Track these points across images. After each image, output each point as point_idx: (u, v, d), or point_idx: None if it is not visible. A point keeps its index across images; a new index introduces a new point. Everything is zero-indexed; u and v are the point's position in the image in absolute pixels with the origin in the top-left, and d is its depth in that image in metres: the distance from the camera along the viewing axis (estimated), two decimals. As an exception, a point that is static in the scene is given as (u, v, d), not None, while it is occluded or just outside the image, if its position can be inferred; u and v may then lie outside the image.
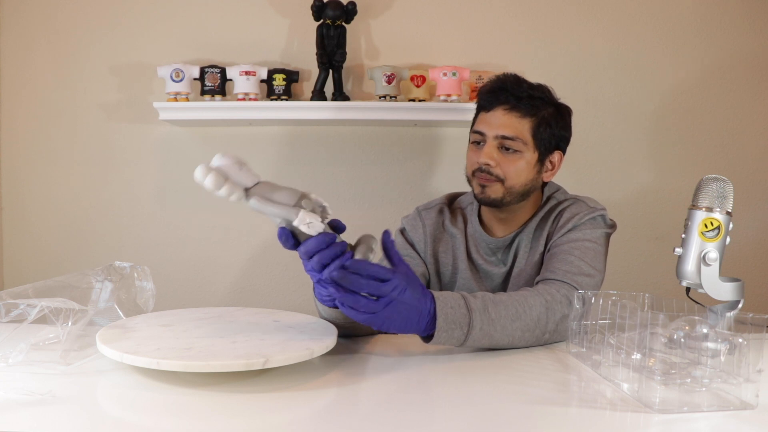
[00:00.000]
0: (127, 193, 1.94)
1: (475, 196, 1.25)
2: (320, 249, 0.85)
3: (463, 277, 1.29)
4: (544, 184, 1.30)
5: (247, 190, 0.85)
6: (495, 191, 1.21)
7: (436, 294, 0.92)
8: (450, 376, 0.88)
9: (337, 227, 0.89)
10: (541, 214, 1.27)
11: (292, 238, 0.87)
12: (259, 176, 0.87)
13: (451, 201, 1.38)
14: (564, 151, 1.29)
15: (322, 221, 0.87)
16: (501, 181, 1.21)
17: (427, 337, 0.92)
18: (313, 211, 0.86)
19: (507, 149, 1.21)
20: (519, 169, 1.21)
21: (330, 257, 0.85)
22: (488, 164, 1.20)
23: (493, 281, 1.28)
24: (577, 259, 1.14)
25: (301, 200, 0.85)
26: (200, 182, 0.81)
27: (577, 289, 1.07)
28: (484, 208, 1.31)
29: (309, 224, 0.83)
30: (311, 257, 0.86)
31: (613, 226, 1.24)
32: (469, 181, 1.27)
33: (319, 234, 0.85)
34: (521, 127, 1.21)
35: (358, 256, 0.87)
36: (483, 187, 1.22)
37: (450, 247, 1.31)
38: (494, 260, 1.29)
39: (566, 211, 1.23)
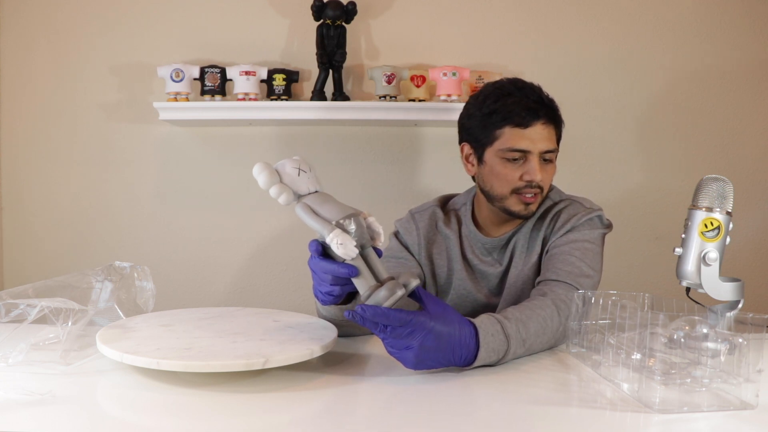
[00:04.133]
0: (126, 193, 1.94)
1: (509, 212, 1.22)
2: (336, 277, 0.87)
3: (459, 278, 1.28)
4: None
5: (301, 196, 0.86)
6: (536, 204, 1.23)
7: (477, 323, 0.90)
8: (449, 376, 0.88)
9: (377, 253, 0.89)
10: (537, 214, 1.26)
11: (321, 252, 0.87)
12: (318, 186, 0.88)
13: (444, 203, 1.38)
14: None
15: (366, 246, 0.86)
16: (542, 193, 1.22)
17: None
18: (358, 232, 0.84)
19: (546, 161, 1.21)
20: (552, 177, 1.25)
21: (342, 282, 0.88)
22: (541, 181, 1.20)
23: (490, 281, 1.28)
24: (578, 260, 1.14)
25: (346, 219, 0.84)
26: (255, 178, 0.84)
27: (573, 286, 1.09)
28: (480, 209, 1.30)
29: (340, 245, 0.82)
30: (325, 273, 0.87)
31: (609, 226, 1.24)
32: (498, 199, 1.23)
33: (343, 264, 0.84)
34: (554, 137, 1.23)
35: (383, 293, 0.83)
36: (527, 204, 1.21)
37: (444, 249, 1.31)
38: (490, 260, 1.28)
39: (563, 213, 1.23)
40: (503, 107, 1.19)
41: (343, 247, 0.82)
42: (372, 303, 0.83)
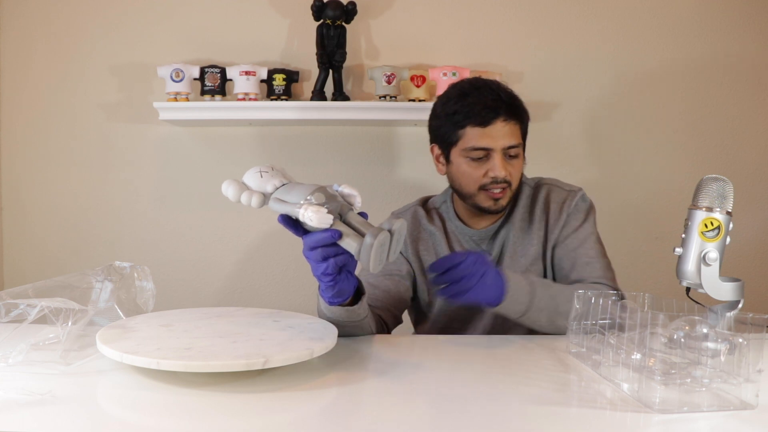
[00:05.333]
0: (126, 193, 1.94)
1: (480, 208, 1.25)
2: (322, 245, 0.88)
3: None
4: None
5: (270, 194, 0.89)
6: (506, 199, 1.25)
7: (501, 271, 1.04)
8: (450, 376, 0.88)
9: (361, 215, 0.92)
10: (522, 202, 1.30)
11: (297, 225, 0.89)
12: (285, 179, 0.91)
13: (424, 202, 1.40)
14: None
15: (345, 213, 0.88)
16: (510, 187, 1.24)
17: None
18: (330, 202, 0.87)
19: (511, 156, 1.23)
20: (519, 171, 1.27)
21: (332, 254, 0.89)
22: (506, 176, 1.22)
23: None
24: (596, 256, 1.23)
25: (313, 194, 0.86)
26: (224, 194, 0.89)
27: (610, 286, 1.19)
28: (458, 205, 1.33)
29: (313, 216, 0.84)
30: (313, 249, 0.89)
31: (591, 203, 1.31)
32: (468, 196, 1.26)
33: (325, 230, 0.86)
34: (518, 132, 1.24)
35: (368, 239, 0.83)
36: (497, 200, 1.23)
37: (431, 245, 1.33)
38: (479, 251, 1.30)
39: (551, 201, 1.28)
40: (463, 107, 1.22)
41: (317, 217, 0.84)
42: (364, 250, 0.84)
